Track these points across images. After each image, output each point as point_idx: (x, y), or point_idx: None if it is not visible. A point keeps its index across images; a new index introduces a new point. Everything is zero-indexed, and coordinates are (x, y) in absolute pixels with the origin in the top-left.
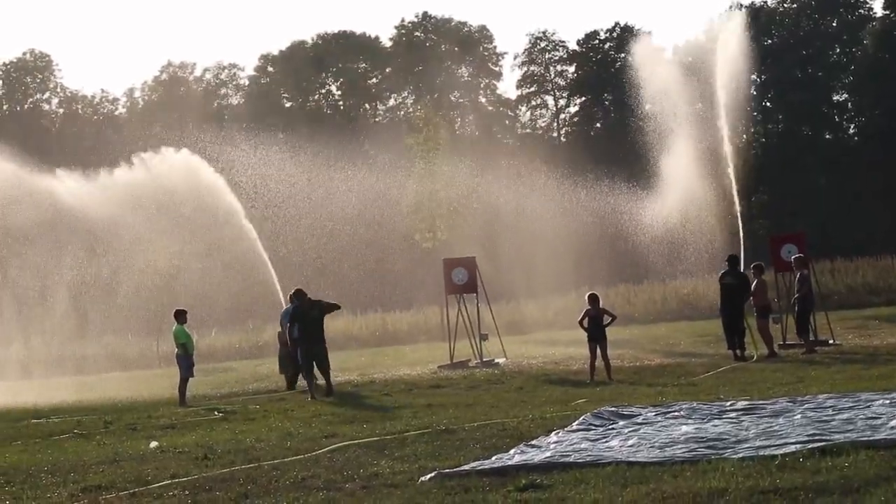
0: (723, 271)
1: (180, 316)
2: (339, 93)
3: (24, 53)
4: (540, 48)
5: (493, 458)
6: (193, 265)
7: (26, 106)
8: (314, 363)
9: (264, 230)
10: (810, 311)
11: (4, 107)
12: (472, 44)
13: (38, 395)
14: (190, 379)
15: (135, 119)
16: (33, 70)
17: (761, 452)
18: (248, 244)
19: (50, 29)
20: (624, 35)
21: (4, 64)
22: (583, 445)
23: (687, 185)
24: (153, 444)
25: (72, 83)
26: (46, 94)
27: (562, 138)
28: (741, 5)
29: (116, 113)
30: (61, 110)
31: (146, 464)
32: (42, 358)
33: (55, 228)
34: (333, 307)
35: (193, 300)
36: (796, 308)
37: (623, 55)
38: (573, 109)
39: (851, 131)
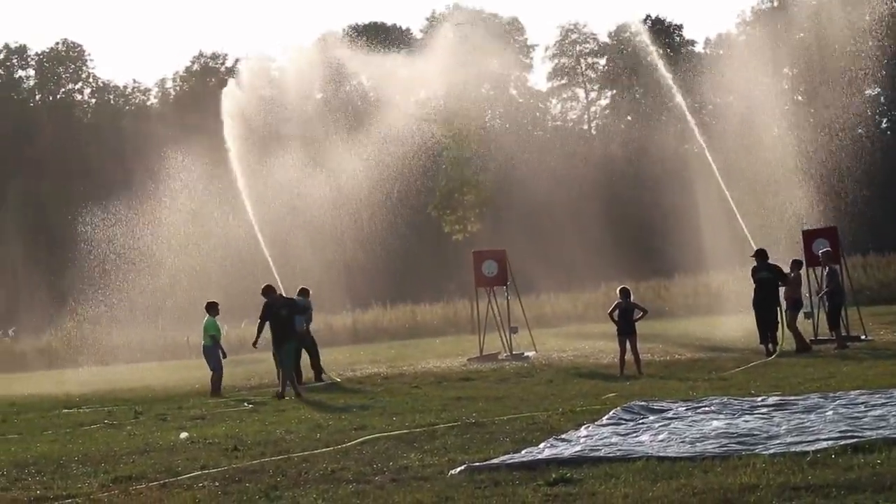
0: (754, 266)
1: (212, 308)
2: (370, 83)
3: (57, 43)
4: (571, 40)
5: (523, 452)
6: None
7: (59, 96)
8: (283, 358)
9: (292, 222)
10: (841, 305)
11: (37, 97)
12: (502, 36)
13: (79, 385)
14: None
15: (166, 110)
16: (66, 60)
17: (792, 448)
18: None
19: (82, 19)
20: (655, 28)
21: (37, 54)
22: (613, 440)
23: (719, 179)
24: (183, 434)
25: (104, 73)
26: (79, 85)
27: (592, 131)
28: None
29: (148, 104)
30: (93, 100)
31: (176, 454)
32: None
33: None
34: (302, 310)
35: (223, 291)
36: (826, 303)
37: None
38: (604, 102)
39: (884, 125)
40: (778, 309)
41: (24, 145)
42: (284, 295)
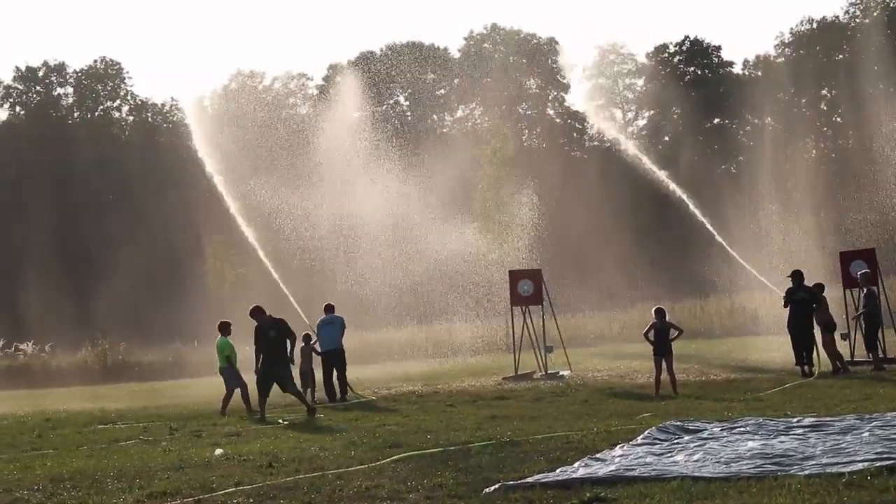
0: (790, 287)
1: (224, 328)
2: (407, 103)
3: (95, 61)
4: (609, 61)
5: (558, 471)
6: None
7: (97, 113)
8: (273, 384)
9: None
10: (878, 327)
11: (76, 114)
12: (540, 56)
13: (112, 401)
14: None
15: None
16: (104, 78)
17: (828, 470)
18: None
19: (121, 37)
20: (693, 49)
21: (76, 71)
22: (648, 459)
23: (757, 199)
24: (218, 451)
25: (142, 91)
26: (117, 102)
27: (629, 152)
28: (812, 20)
29: (186, 121)
30: (131, 118)
31: (211, 471)
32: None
33: None
34: (290, 334)
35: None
36: (863, 325)
37: (692, 69)
38: (641, 123)
39: None
40: (813, 331)
41: (62, 162)
42: (273, 316)
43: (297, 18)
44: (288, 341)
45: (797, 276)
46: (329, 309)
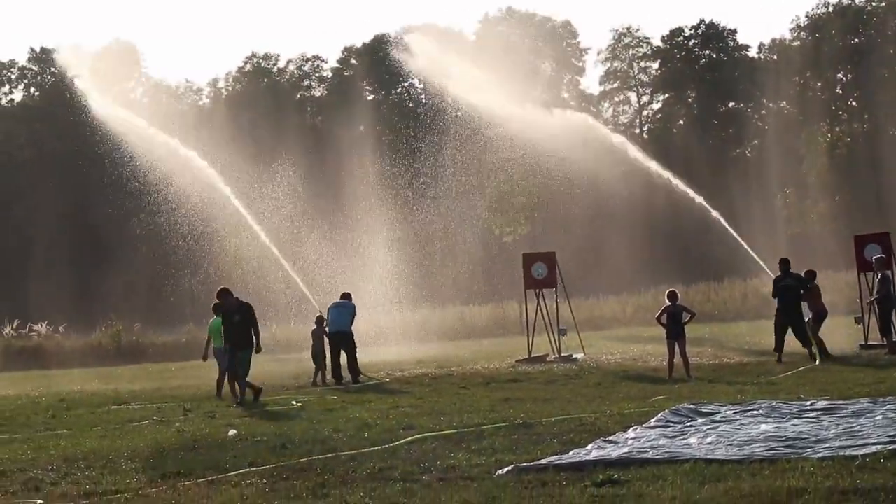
0: (778, 275)
1: (219, 309)
2: (422, 86)
3: (110, 42)
4: (624, 44)
5: (571, 453)
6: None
7: (112, 95)
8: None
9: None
10: (891, 311)
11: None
12: (555, 39)
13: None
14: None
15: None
16: (119, 59)
17: (841, 453)
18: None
19: (135, 18)
20: (709, 32)
21: (91, 53)
22: (660, 442)
23: (772, 182)
24: (232, 432)
25: (156, 73)
26: (131, 84)
27: (644, 135)
28: (828, 3)
29: (200, 103)
30: (146, 99)
31: (224, 451)
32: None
33: None
34: (253, 319)
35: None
36: (877, 309)
37: (707, 52)
38: (656, 106)
39: None
40: (801, 316)
41: (77, 143)
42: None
43: (312, 0)
44: (253, 330)
45: (784, 263)
46: (345, 296)
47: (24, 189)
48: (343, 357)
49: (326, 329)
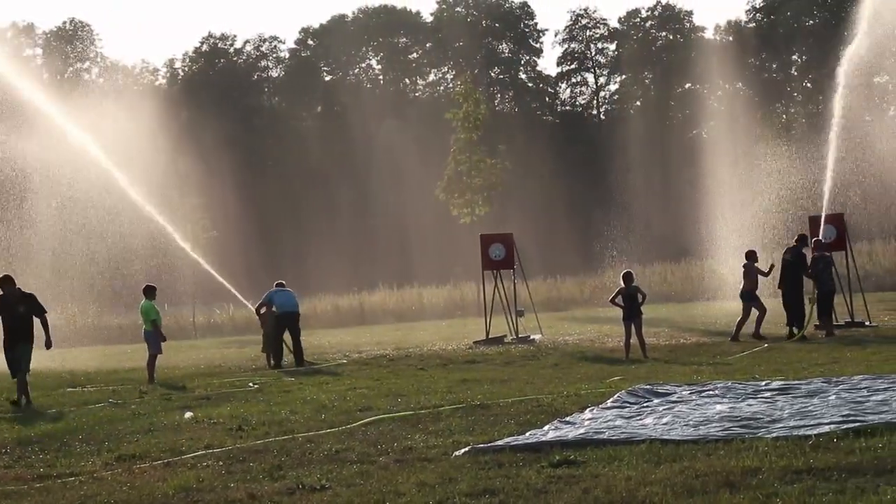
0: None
1: (149, 292)
2: (380, 67)
3: (65, 22)
4: (581, 25)
5: (528, 434)
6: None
7: (66, 75)
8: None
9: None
10: (829, 294)
11: (45, 76)
12: (512, 20)
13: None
14: (159, 356)
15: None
16: (73, 39)
17: (795, 432)
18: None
19: None
20: (665, 14)
21: (45, 32)
22: (617, 423)
23: (728, 164)
24: (188, 414)
25: (112, 53)
26: (87, 64)
27: (602, 116)
28: None
29: (157, 84)
30: (101, 80)
31: (181, 434)
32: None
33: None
34: (41, 311)
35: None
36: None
37: (664, 34)
38: (613, 87)
39: (891, 112)
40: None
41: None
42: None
43: None
44: (42, 323)
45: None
46: (279, 285)
47: None
48: (288, 338)
49: (275, 310)
